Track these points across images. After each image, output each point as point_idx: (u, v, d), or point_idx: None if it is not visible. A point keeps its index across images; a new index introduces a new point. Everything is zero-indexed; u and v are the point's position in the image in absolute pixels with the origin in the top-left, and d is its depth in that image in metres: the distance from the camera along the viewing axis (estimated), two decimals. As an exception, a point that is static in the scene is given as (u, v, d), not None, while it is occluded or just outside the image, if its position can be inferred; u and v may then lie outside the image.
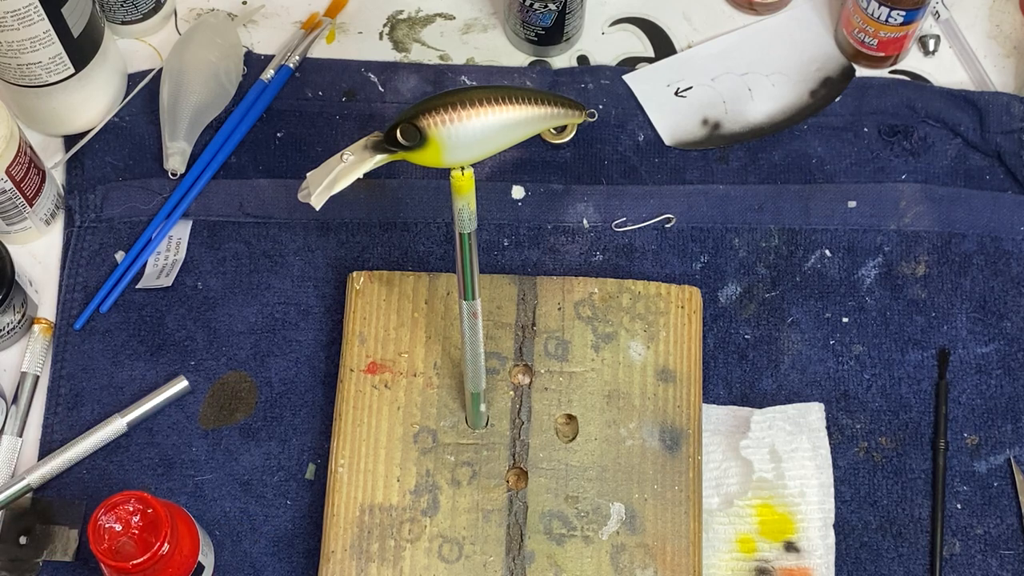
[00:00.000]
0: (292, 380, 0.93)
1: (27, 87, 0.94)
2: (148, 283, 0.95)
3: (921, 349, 0.95)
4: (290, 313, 0.95)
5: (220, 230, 0.98)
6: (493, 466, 0.87)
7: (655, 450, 0.88)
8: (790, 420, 0.91)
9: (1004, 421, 0.93)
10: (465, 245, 0.73)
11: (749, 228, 0.99)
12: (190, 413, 0.92)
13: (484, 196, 0.98)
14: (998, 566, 0.90)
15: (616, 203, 0.99)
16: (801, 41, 1.06)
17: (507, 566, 0.85)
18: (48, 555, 0.88)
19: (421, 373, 0.89)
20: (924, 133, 1.02)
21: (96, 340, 0.94)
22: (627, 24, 1.07)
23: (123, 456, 0.91)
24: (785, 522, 0.89)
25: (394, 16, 1.06)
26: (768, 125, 1.02)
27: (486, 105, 0.68)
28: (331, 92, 1.02)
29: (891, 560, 0.90)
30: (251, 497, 0.90)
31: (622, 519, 0.86)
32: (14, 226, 0.95)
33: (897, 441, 0.93)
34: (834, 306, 0.96)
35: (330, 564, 0.85)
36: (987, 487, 0.92)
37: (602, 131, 1.01)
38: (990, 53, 1.06)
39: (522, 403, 0.89)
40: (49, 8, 0.89)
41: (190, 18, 1.06)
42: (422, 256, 0.97)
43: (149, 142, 1.00)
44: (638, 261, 0.97)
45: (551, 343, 0.90)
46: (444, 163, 0.69)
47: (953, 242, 0.98)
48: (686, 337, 0.91)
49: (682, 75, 1.04)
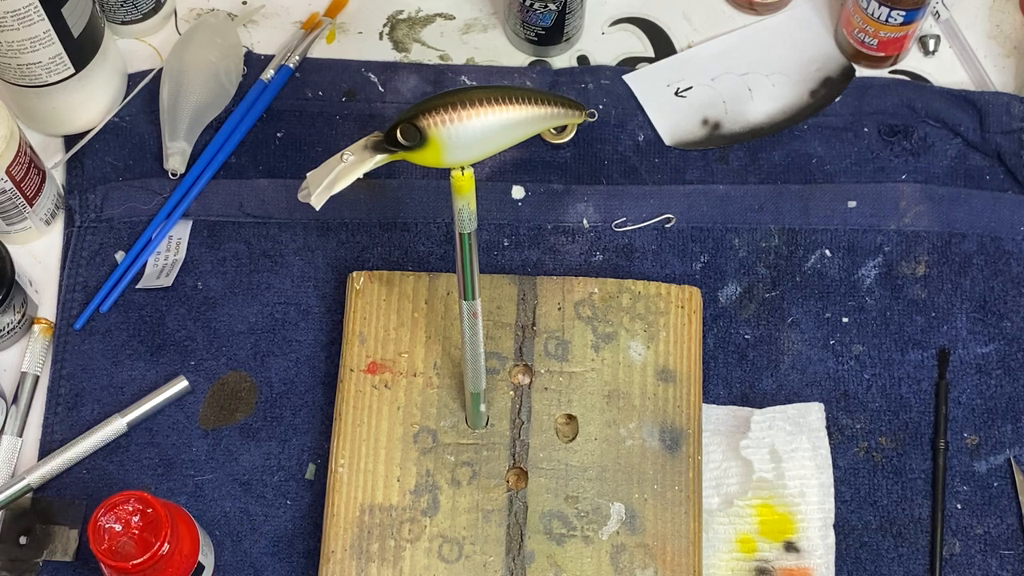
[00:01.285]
0: (292, 380, 0.93)
1: (27, 87, 0.94)
2: (148, 283, 0.95)
3: (921, 349, 0.95)
4: (290, 313, 0.95)
5: (220, 230, 0.98)
6: (493, 466, 0.87)
7: (655, 450, 0.88)
8: (790, 420, 0.91)
9: (1004, 421, 0.93)
10: (465, 245, 0.73)
11: (749, 228, 0.99)
12: (190, 413, 0.92)
13: (484, 196, 0.98)
14: (998, 566, 0.90)
15: (616, 203, 0.99)
16: (801, 41, 1.06)
17: (507, 566, 0.85)
18: (48, 555, 0.88)
19: (421, 373, 0.89)
20: (924, 133, 1.02)
21: (96, 340, 0.94)
22: (627, 24, 1.07)
23: (123, 456, 0.91)
24: (785, 522, 0.89)
25: (394, 16, 1.06)
26: (768, 125, 1.02)
27: (486, 105, 0.68)
28: (331, 92, 1.02)
29: (891, 560, 0.90)
30: (251, 497, 0.90)
31: (622, 519, 0.86)
32: (14, 226, 0.95)
33: (897, 441, 0.93)
34: (834, 306, 0.96)
35: (330, 564, 0.85)
36: (987, 487, 0.92)
37: (602, 131, 1.01)
38: (990, 53, 1.06)
39: (522, 403, 0.89)
40: (49, 8, 0.89)
41: (190, 18, 1.06)
42: (422, 256, 0.97)
43: (149, 142, 1.00)
44: (638, 261, 0.97)
45: (551, 343, 0.90)
46: (444, 163, 0.69)
47: (953, 242, 0.98)
48: (686, 337, 0.91)
49: (682, 75, 1.04)
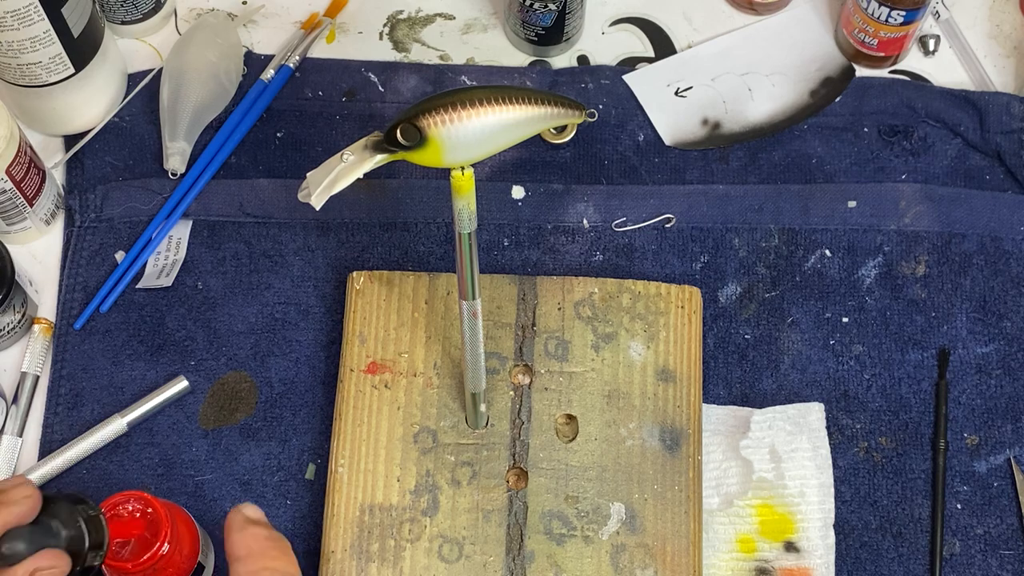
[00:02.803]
0: (292, 380, 0.93)
1: (27, 87, 0.94)
2: (148, 283, 0.95)
3: (921, 349, 0.95)
4: (290, 313, 0.95)
5: (220, 230, 0.98)
6: (493, 466, 0.87)
7: (655, 450, 0.88)
8: (790, 420, 0.91)
9: (1004, 421, 0.93)
10: (465, 245, 0.73)
11: (749, 228, 0.99)
12: (190, 413, 0.92)
13: (484, 196, 0.98)
14: (998, 566, 0.90)
15: (616, 203, 0.99)
16: (801, 41, 1.06)
17: (507, 566, 0.85)
18: (48, 555, 0.88)
19: (421, 373, 0.89)
20: (924, 133, 1.02)
21: (96, 340, 0.94)
22: (627, 24, 1.07)
23: (123, 456, 0.91)
24: (785, 522, 0.89)
25: (394, 16, 1.06)
26: (768, 125, 1.02)
27: (486, 105, 0.68)
28: (331, 92, 1.02)
29: (891, 560, 0.90)
30: (251, 497, 0.90)
31: (622, 519, 0.86)
32: (14, 226, 0.95)
33: (897, 441, 0.93)
34: (834, 306, 0.96)
35: (330, 564, 0.85)
36: (987, 487, 0.92)
37: (602, 131, 1.01)
38: (990, 53, 1.06)
39: (522, 403, 0.89)
40: (49, 8, 0.89)
41: (190, 18, 1.06)
42: (422, 256, 0.97)
43: (149, 142, 1.00)
44: (638, 261, 0.97)
45: (551, 343, 0.90)
46: (444, 163, 0.69)
47: (953, 242, 0.98)
48: (686, 337, 0.91)
49: (682, 75, 1.04)
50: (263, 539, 0.70)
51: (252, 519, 0.71)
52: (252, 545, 0.70)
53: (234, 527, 0.71)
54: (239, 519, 0.71)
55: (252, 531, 0.71)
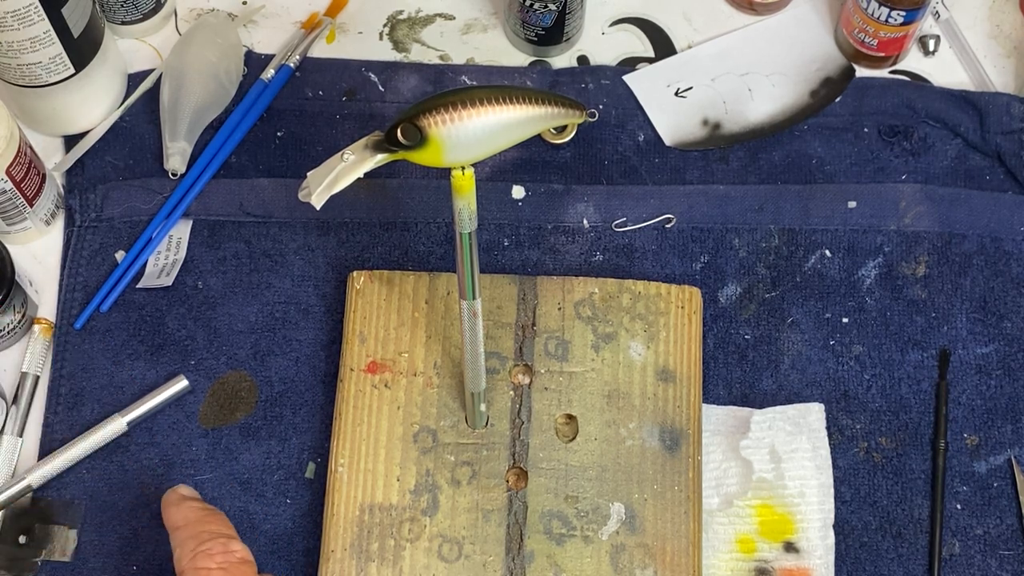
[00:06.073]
0: (292, 379, 0.93)
1: (27, 87, 0.94)
2: (148, 283, 0.95)
3: (921, 349, 0.95)
4: (290, 312, 0.95)
5: (220, 230, 0.98)
6: (493, 466, 0.87)
7: (655, 450, 0.88)
8: (790, 420, 0.91)
9: (1004, 421, 0.93)
10: (465, 245, 0.73)
11: (749, 228, 0.99)
12: (190, 413, 0.92)
13: (484, 196, 0.98)
14: (998, 566, 0.90)
15: (616, 203, 0.99)
16: (801, 41, 1.06)
17: (507, 566, 0.85)
18: (47, 555, 0.88)
19: (421, 373, 0.89)
20: (924, 133, 1.02)
21: (96, 340, 0.94)
22: (627, 24, 1.07)
23: (123, 456, 0.91)
24: (785, 522, 0.89)
25: (394, 16, 1.07)
26: (768, 125, 1.02)
27: (486, 105, 0.68)
28: (331, 92, 1.02)
29: (891, 560, 0.90)
30: (251, 496, 0.90)
31: (622, 519, 0.86)
32: (14, 226, 0.95)
33: (897, 441, 0.93)
34: (834, 306, 0.96)
35: (330, 563, 0.85)
36: (987, 487, 0.92)
37: (602, 131, 1.01)
38: (990, 53, 1.06)
39: (522, 403, 0.89)
40: (49, 8, 0.89)
41: (190, 18, 1.06)
42: (422, 256, 0.97)
43: (149, 142, 1.00)
44: (638, 261, 0.97)
45: (551, 343, 0.90)
46: (444, 163, 0.69)
47: (953, 242, 0.98)
48: (686, 337, 0.91)
49: (682, 75, 1.04)
50: (198, 510, 0.76)
51: (186, 496, 0.77)
52: (189, 515, 0.76)
53: (171, 502, 0.77)
54: (175, 496, 0.78)
55: (188, 504, 0.77)
